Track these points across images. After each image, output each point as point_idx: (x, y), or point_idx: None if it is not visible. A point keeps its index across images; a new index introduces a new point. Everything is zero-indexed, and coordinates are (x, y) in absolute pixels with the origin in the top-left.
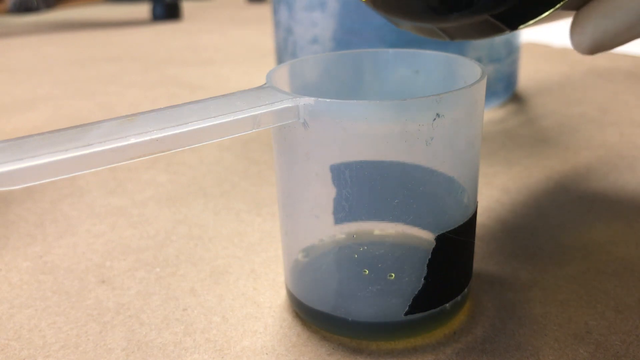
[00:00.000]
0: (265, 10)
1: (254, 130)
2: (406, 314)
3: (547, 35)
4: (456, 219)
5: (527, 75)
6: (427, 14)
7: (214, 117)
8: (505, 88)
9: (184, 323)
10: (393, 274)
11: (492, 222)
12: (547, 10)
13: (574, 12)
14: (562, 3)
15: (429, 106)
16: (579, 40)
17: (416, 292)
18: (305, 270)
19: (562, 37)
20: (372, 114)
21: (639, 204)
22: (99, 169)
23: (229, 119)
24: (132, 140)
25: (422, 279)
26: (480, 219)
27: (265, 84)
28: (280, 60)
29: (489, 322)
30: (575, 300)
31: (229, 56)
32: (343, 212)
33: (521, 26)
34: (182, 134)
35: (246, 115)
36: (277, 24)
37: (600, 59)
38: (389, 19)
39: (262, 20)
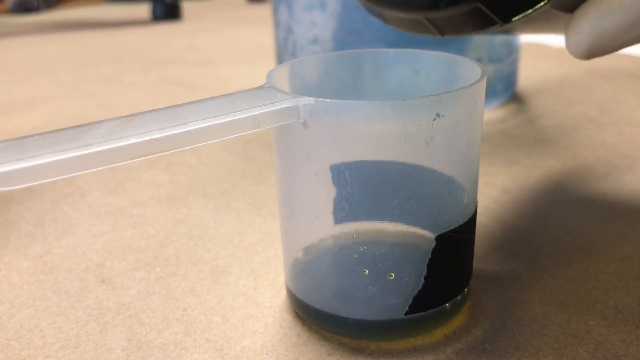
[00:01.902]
0: (265, 10)
1: (254, 130)
2: (406, 313)
3: (547, 35)
4: (456, 219)
5: (527, 75)
6: (416, 2)
7: (214, 117)
8: (505, 88)
9: (184, 323)
10: (393, 274)
11: (492, 222)
12: (537, 3)
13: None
14: None
15: (429, 106)
16: (575, 42)
17: (416, 292)
18: (306, 269)
19: (562, 37)
20: (372, 114)
21: (639, 204)
22: (99, 169)
23: (229, 119)
24: (132, 140)
25: (422, 279)
26: (480, 219)
27: (265, 84)
28: (280, 60)
29: (489, 322)
30: (575, 300)
31: (229, 56)
32: (343, 212)
33: (513, 19)
34: (182, 134)
35: (246, 115)
36: (277, 24)
37: (600, 59)
38: (377, 13)
39: (262, 20)
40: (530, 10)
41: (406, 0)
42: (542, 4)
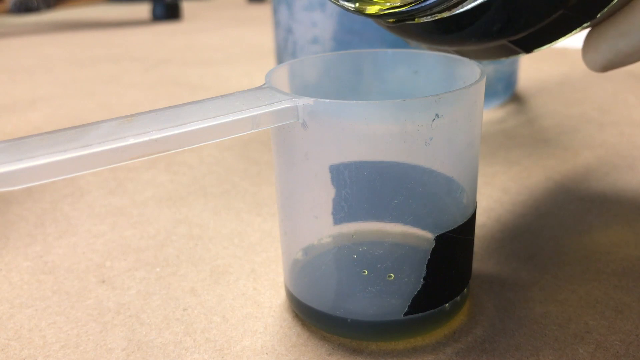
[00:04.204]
0: (265, 10)
1: (253, 131)
2: (405, 314)
3: None
4: (455, 219)
5: (527, 75)
6: (445, 39)
7: (213, 117)
8: (505, 88)
9: (184, 323)
10: (392, 275)
11: (492, 222)
12: (564, 36)
13: (586, 30)
14: (579, 29)
15: (428, 106)
16: (593, 59)
17: (415, 293)
18: (305, 270)
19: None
20: (371, 114)
21: (639, 204)
22: (98, 169)
23: (228, 120)
24: (131, 141)
25: (422, 279)
26: (480, 219)
27: (264, 84)
28: (280, 60)
29: (489, 322)
30: (575, 300)
31: (229, 56)
32: (342, 212)
33: (537, 49)
34: (182, 134)
35: (245, 115)
36: (277, 24)
37: None
38: (403, 39)
39: (262, 20)
40: (554, 42)
41: (435, 38)
42: (565, 37)
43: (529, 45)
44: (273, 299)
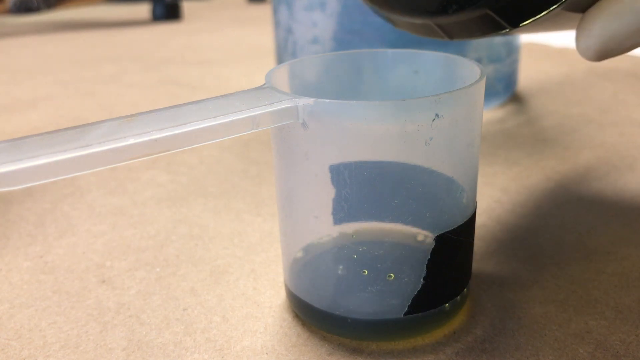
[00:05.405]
0: (265, 10)
1: (253, 131)
2: (406, 314)
3: (547, 35)
4: (455, 219)
5: (527, 75)
6: (425, 8)
7: (213, 117)
8: (505, 88)
9: (184, 323)
10: (392, 274)
11: (492, 222)
12: (547, 8)
13: (579, 17)
14: (564, 1)
15: (428, 106)
16: (586, 44)
17: (415, 292)
18: (305, 269)
19: (562, 37)
20: (371, 114)
21: (639, 204)
22: (98, 169)
23: (228, 120)
24: (131, 141)
25: (422, 279)
26: (480, 219)
27: (264, 84)
28: (280, 60)
29: (489, 322)
30: (575, 300)
31: (229, 56)
32: (342, 212)
33: (522, 24)
34: (181, 134)
35: (245, 115)
36: (277, 24)
37: None
38: (385, 17)
39: (262, 20)
40: (539, 15)
41: (415, 6)
42: (552, 8)
43: (513, 17)
44: (273, 299)
